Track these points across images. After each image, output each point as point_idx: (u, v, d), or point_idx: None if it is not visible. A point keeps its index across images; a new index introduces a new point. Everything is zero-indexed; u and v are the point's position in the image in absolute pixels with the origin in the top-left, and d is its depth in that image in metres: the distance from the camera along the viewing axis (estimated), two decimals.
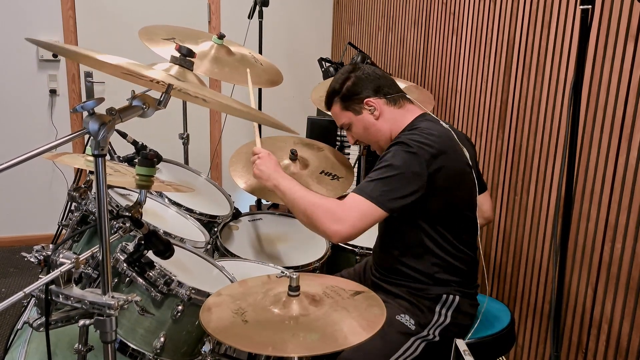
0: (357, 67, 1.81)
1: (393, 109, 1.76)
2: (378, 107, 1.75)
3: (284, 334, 1.23)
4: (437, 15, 2.80)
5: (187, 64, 1.64)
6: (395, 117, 1.76)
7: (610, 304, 1.77)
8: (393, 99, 1.77)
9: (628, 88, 1.67)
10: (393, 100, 1.77)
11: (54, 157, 1.49)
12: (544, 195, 2.06)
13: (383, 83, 1.77)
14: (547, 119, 2.03)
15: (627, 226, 1.69)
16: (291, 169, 2.36)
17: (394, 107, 1.76)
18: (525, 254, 2.19)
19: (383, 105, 1.76)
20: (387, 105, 1.76)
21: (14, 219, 3.89)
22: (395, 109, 1.76)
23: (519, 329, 2.23)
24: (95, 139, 1.06)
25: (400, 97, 1.78)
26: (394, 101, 1.77)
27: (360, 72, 1.78)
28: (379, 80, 1.77)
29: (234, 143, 2.70)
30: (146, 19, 2.56)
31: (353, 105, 1.79)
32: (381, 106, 1.76)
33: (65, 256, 1.18)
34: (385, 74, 1.82)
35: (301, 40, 4.29)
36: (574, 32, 1.89)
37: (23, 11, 3.64)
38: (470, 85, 2.52)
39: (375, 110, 1.76)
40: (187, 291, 1.50)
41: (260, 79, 2.40)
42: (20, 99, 3.76)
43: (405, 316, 1.68)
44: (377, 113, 1.76)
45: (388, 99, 1.76)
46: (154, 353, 1.49)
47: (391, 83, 1.80)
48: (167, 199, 2.16)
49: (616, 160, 1.72)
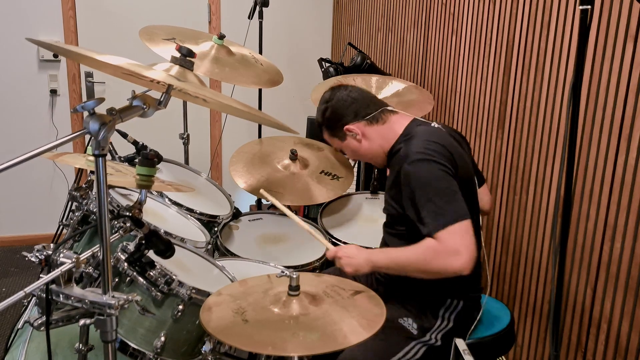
0: (332, 95, 1.80)
1: (377, 126, 1.76)
2: (359, 130, 1.76)
3: (284, 334, 1.24)
4: (436, 16, 2.80)
5: (187, 64, 1.64)
6: (382, 134, 1.76)
7: (610, 303, 1.77)
8: (374, 117, 1.76)
9: (627, 88, 1.67)
10: (374, 118, 1.76)
11: (54, 157, 1.50)
12: (544, 195, 2.06)
13: (359, 105, 1.76)
14: (546, 119, 2.04)
15: (626, 225, 1.69)
16: (291, 169, 2.37)
17: (377, 124, 1.76)
18: (524, 254, 2.19)
19: (364, 128, 1.76)
20: (369, 125, 1.76)
21: (14, 218, 3.89)
22: (379, 126, 1.76)
23: (518, 329, 2.24)
24: (96, 139, 1.06)
25: (381, 113, 1.77)
26: (375, 119, 1.76)
27: (335, 101, 1.78)
28: (354, 104, 1.76)
29: (235, 143, 2.70)
30: (146, 19, 2.56)
31: (337, 133, 1.81)
32: (362, 129, 1.76)
33: (66, 256, 1.18)
34: (363, 93, 1.81)
35: (301, 40, 4.29)
36: (574, 32, 1.89)
37: (23, 11, 3.64)
38: (470, 85, 2.52)
39: (357, 135, 1.76)
40: (188, 291, 1.51)
41: (260, 79, 2.41)
42: (21, 99, 3.76)
43: (408, 320, 1.67)
44: (359, 137, 1.77)
45: (368, 120, 1.76)
46: (155, 352, 1.49)
47: (369, 102, 1.78)
48: (167, 198, 2.16)
49: (615, 160, 1.73)
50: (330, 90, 1.84)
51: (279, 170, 2.35)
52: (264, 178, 2.31)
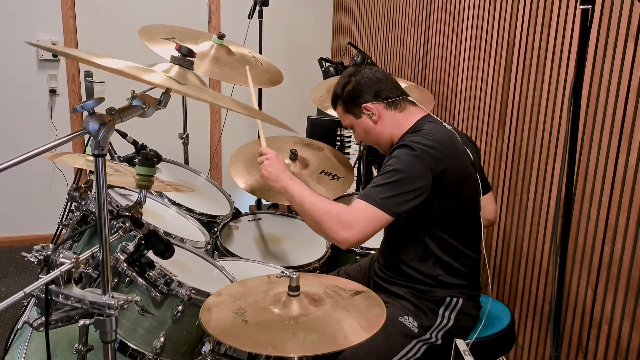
0: (358, 70, 1.80)
1: (393, 112, 1.76)
2: (377, 111, 1.75)
3: (284, 334, 1.23)
4: (437, 16, 2.80)
5: (187, 64, 1.63)
6: (397, 121, 1.75)
7: (611, 304, 1.77)
8: (394, 102, 1.76)
9: (628, 88, 1.67)
10: (394, 103, 1.76)
11: (54, 157, 1.49)
12: (544, 196, 2.06)
13: (383, 87, 1.76)
14: (547, 119, 2.03)
15: (627, 226, 1.69)
16: (291, 169, 2.36)
17: (395, 110, 1.76)
18: (525, 254, 2.19)
19: (382, 110, 1.75)
20: (387, 109, 1.76)
21: (14, 218, 3.89)
22: (396, 113, 1.76)
23: (519, 329, 2.23)
24: (95, 139, 1.05)
25: (402, 100, 1.77)
26: (394, 105, 1.76)
27: (359, 77, 1.78)
28: (379, 84, 1.76)
29: (234, 143, 2.70)
30: (146, 19, 2.55)
31: (353, 109, 1.79)
32: (380, 110, 1.75)
33: (65, 256, 1.18)
34: (387, 77, 1.81)
35: (301, 40, 4.29)
36: (574, 33, 1.89)
37: (23, 11, 3.64)
38: (471, 86, 2.51)
39: (373, 115, 1.76)
40: (187, 291, 1.50)
41: (260, 79, 2.40)
42: (20, 99, 3.76)
43: (409, 318, 1.67)
44: (375, 118, 1.76)
45: (388, 103, 1.75)
46: (154, 353, 1.49)
47: (392, 86, 1.78)
48: (167, 199, 2.15)
49: (616, 161, 1.72)
50: (354, 67, 1.85)
51: None
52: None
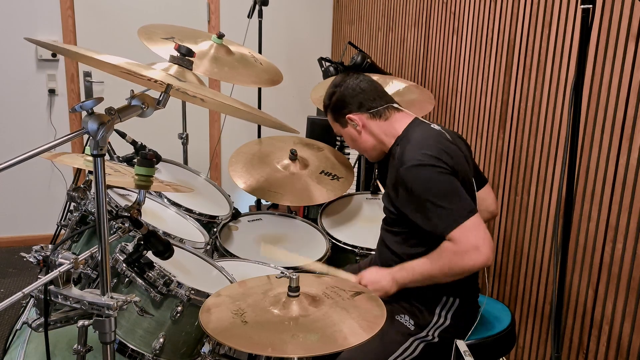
0: (343, 81, 1.81)
1: (378, 122, 1.77)
2: (360, 122, 1.77)
3: (284, 335, 1.23)
4: (437, 16, 2.80)
5: (186, 64, 1.63)
6: (382, 129, 1.77)
7: (611, 305, 1.77)
8: (378, 112, 1.76)
9: (629, 89, 1.66)
10: (377, 113, 1.76)
11: (53, 157, 1.49)
12: (545, 196, 2.06)
13: (366, 97, 1.77)
14: (547, 120, 2.03)
15: (627, 227, 1.69)
16: (291, 169, 2.36)
17: (380, 120, 1.77)
18: (525, 255, 2.18)
19: (366, 120, 1.77)
20: (372, 119, 1.77)
21: (12, 219, 3.88)
22: (381, 122, 1.77)
23: (519, 330, 2.23)
24: (94, 139, 1.05)
25: (387, 109, 1.77)
26: (378, 114, 1.77)
27: (343, 88, 1.79)
28: (362, 94, 1.77)
29: (234, 143, 2.69)
30: (145, 18, 2.55)
31: (339, 119, 1.82)
32: (364, 121, 1.77)
33: (64, 256, 1.17)
34: (372, 86, 1.80)
35: (301, 40, 4.29)
36: (575, 34, 1.89)
37: (22, 10, 3.63)
38: (471, 86, 2.51)
39: (357, 126, 1.78)
40: (187, 292, 1.50)
41: (260, 79, 2.40)
42: (19, 99, 3.75)
43: (405, 316, 1.68)
44: (359, 128, 1.78)
45: (372, 113, 1.76)
46: (153, 354, 1.49)
47: (376, 96, 1.78)
48: (166, 199, 2.15)
49: (617, 162, 1.72)
50: (342, 76, 1.85)
51: (279, 171, 2.35)
52: (264, 178, 2.31)
